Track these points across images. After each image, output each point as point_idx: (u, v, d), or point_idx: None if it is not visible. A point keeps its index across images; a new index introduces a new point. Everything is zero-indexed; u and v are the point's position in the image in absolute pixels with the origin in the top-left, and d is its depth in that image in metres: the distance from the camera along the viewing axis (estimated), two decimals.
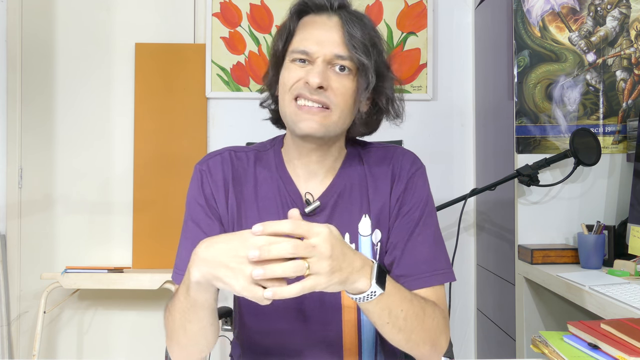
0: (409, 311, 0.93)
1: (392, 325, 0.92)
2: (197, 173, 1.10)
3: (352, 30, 1.01)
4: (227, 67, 2.56)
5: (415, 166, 1.12)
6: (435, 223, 1.10)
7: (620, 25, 1.99)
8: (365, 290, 0.86)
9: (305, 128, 1.01)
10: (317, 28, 1.03)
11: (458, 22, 2.62)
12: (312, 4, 1.05)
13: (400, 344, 0.97)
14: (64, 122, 2.56)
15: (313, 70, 1.00)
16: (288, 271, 0.77)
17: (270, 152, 1.13)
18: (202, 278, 0.82)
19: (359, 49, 1.00)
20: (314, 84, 0.98)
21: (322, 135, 1.02)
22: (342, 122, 1.04)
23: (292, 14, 1.06)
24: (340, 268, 0.82)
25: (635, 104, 1.98)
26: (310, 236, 0.79)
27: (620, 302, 1.33)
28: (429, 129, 2.60)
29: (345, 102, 1.02)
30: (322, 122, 1.01)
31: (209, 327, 0.94)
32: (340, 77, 1.01)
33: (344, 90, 1.01)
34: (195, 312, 0.90)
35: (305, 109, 1.01)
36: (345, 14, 1.03)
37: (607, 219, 1.97)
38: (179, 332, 0.95)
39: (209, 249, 0.82)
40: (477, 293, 2.58)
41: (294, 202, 1.08)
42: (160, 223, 2.49)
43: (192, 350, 0.97)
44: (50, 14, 2.56)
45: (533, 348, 1.05)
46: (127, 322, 2.58)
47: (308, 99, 1.00)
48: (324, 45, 1.01)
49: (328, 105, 1.01)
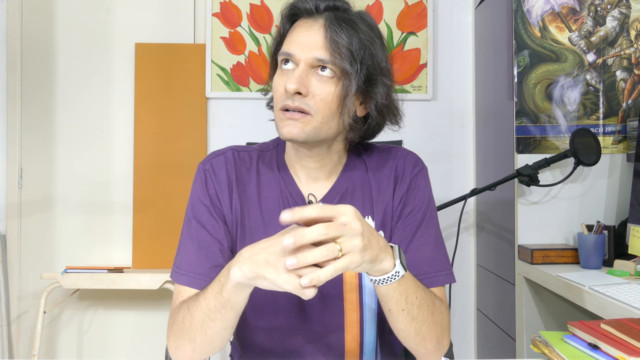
0: (423, 299, 0.95)
1: (407, 313, 0.93)
2: (200, 173, 1.10)
3: (335, 34, 0.99)
4: (227, 67, 2.56)
5: (418, 167, 1.12)
6: (436, 224, 1.10)
7: (620, 25, 1.99)
8: (390, 271, 0.86)
9: (285, 134, 1.01)
10: (302, 31, 1.02)
11: (458, 22, 2.62)
12: (300, 8, 1.04)
13: (410, 336, 0.97)
14: (64, 122, 2.56)
15: (290, 77, 0.99)
16: (320, 256, 0.77)
17: (273, 153, 1.13)
18: (243, 277, 0.83)
19: (341, 54, 0.98)
20: (290, 90, 0.98)
21: (304, 140, 1.01)
22: (327, 128, 1.02)
23: (283, 18, 1.06)
24: (371, 245, 0.82)
25: (635, 104, 1.98)
26: (338, 216, 0.79)
27: (620, 302, 1.33)
28: (429, 129, 2.60)
29: (327, 108, 1.00)
30: (302, 128, 1.00)
31: (230, 329, 0.95)
32: (321, 82, 1.00)
33: (324, 95, 0.99)
34: (224, 312, 0.91)
35: (287, 115, 1.00)
36: (332, 17, 1.01)
37: (607, 219, 1.97)
38: (196, 331, 0.94)
39: (252, 248, 0.84)
40: (477, 293, 2.58)
41: (296, 203, 1.08)
42: (160, 223, 2.49)
43: (204, 349, 0.97)
44: (50, 14, 2.57)
45: (533, 348, 1.05)
46: (127, 322, 2.58)
47: (290, 108, 1.00)
48: (304, 48, 1.00)
49: (307, 111, 0.99)
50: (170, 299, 2.49)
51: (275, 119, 1.04)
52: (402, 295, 0.91)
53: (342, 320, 1.07)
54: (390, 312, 0.94)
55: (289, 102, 0.99)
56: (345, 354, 1.08)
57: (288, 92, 0.98)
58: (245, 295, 0.89)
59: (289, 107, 1.00)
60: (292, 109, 1.00)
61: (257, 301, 1.07)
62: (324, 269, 0.78)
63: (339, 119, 1.03)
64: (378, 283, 0.89)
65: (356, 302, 1.08)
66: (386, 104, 1.06)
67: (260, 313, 1.08)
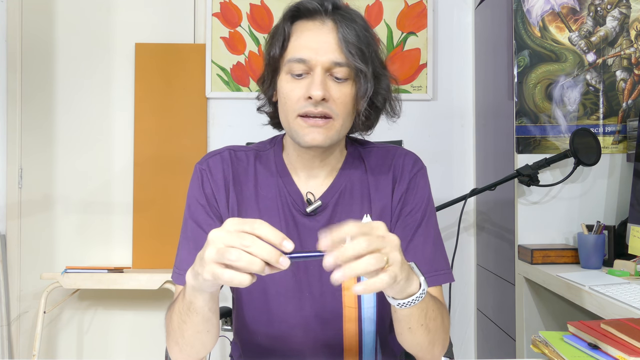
0: (436, 311, 0.93)
1: (425, 327, 0.91)
2: (197, 172, 1.10)
3: (347, 35, 0.99)
4: (227, 67, 2.56)
5: (417, 166, 1.12)
6: (435, 224, 1.10)
7: (620, 25, 1.99)
8: (416, 292, 0.82)
9: (310, 141, 1.00)
10: (313, 34, 1.01)
11: (458, 22, 2.62)
12: (305, 9, 1.03)
13: (423, 347, 0.96)
14: (64, 122, 2.56)
15: (314, 83, 0.98)
16: (369, 265, 0.71)
17: (270, 152, 1.13)
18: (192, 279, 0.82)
19: (355, 54, 0.99)
20: (318, 97, 0.97)
21: (328, 145, 1.03)
22: (345, 129, 1.04)
23: (286, 18, 1.04)
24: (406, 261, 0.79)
25: (635, 104, 1.98)
26: (373, 231, 0.74)
27: (620, 302, 1.33)
28: (429, 129, 2.60)
29: (346, 109, 1.02)
30: (326, 133, 1.00)
31: (205, 334, 0.93)
32: (339, 86, 1.01)
33: (344, 98, 1.01)
34: (191, 315, 0.89)
35: (310, 122, 1.00)
36: (339, 18, 1.01)
37: (607, 219, 1.97)
38: (176, 333, 0.95)
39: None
40: (477, 293, 2.58)
41: (294, 202, 1.08)
42: (160, 223, 2.49)
43: (189, 351, 0.97)
44: (50, 14, 2.57)
45: (533, 348, 1.05)
46: (127, 322, 2.58)
47: (313, 114, 0.99)
48: (320, 52, 0.99)
49: (330, 115, 1.00)
50: (170, 299, 2.50)
51: (293, 126, 1.02)
52: (422, 311, 0.89)
53: (341, 321, 1.07)
54: (411, 330, 0.92)
55: (310, 108, 0.99)
56: (344, 354, 1.08)
57: (314, 99, 0.98)
58: (204, 300, 0.86)
59: (311, 113, 0.99)
60: (315, 115, 0.99)
61: (254, 303, 1.07)
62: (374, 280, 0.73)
63: (351, 118, 1.05)
64: (404, 306, 0.84)
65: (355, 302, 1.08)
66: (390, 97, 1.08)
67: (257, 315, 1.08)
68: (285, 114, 1.04)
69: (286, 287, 1.06)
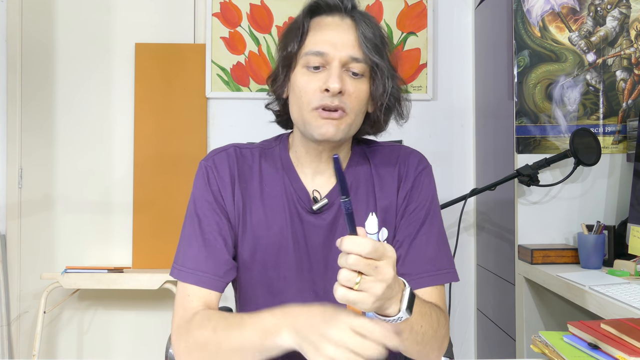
0: (427, 325, 0.93)
1: (410, 340, 0.91)
2: (202, 169, 1.09)
3: (365, 32, 1.01)
4: (227, 67, 2.56)
5: (422, 165, 1.13)
6: (440, 222, 1.10)
7: (620, 25, 1.99)
8: (393, 315, 0.82)
9: (324, 133, 1.01)
10: (332, 29, 1.03)
11: (458, 22, 2.62)
12: (325, 5, 1.05)
13: (413, 354, 0.96)
14: (64, 122, 2.56)
15: (332, 76, 0.99)
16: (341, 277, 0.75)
17: (276, 150, 1.13)
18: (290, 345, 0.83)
19: (373, 51, 1.01)
20: (335, 89, 0.98)
21: (340, 139, 1.03)
22: (356, 126, 1.05)
23: (306, 13, 1.06)
24: (390, 296, 0.79)
25: (635, 104, 1.98)
26: (381, 257, 0.76)
27: (620, 302, 1.33)
28: (429, 129, 2.60)
29: (359, 105, 1.03)
30: (338, 126, 1.01)
31: None
32: (355, 81, 1.02)
33: (359, 93, 1.02)
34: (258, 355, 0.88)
35: (325, 114, 1.01)
36: (358, 15, 1.04)
37: (607, 219, 1.97)
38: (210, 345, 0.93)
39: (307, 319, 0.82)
40: (477, 293, 2.58)
41: (300, 198, 1.08)
42: (161, 223, 2.49)
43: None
44: (50, 14, 2.57)
45: (533, 348, 1.05)
46: (127, 322, 2.58)
47: (330, 108, 1.00)
48: (338, 47, 1.01)
49: (345, 109, 1.01)
50: (170, 299, 2.49)
51: (307, 119, 1.02)
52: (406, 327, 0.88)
53: None
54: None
55: (327, 101, 1.00)
56: None
57: (332, 92, 0.99)
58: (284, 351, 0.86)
59: (328, 106, 1.00)
60: (332, 108, 1.00)
61: (255, 304, 1.07)
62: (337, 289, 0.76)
63: (362, 116, 1.06)
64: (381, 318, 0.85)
65: None
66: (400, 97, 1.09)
67: None
68: (299, 107, 1.04)
69: (290, 286, 1.06)
